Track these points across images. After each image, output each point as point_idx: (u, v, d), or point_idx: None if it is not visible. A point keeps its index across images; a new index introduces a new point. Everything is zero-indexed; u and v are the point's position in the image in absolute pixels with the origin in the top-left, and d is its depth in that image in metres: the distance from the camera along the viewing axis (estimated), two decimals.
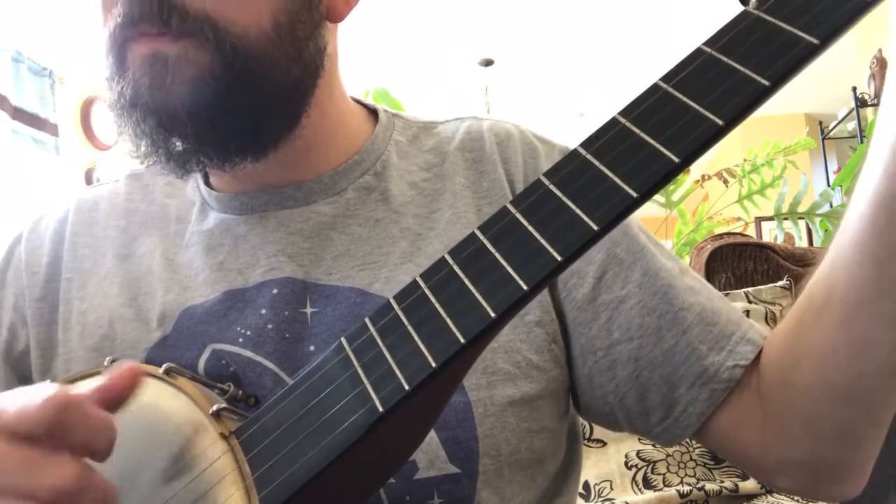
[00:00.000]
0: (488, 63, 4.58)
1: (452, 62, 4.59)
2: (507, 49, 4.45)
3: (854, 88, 4.26)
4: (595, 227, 0.32)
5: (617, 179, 0.32)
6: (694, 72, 0.32)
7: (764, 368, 0.52)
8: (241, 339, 0.53)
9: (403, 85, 4.33)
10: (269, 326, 0.53)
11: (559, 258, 0.33)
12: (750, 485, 1.17)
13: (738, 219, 2.89)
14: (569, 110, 5.05)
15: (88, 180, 4.08)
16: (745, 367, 0.52)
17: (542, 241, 0.33)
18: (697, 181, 2.67)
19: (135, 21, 0.49)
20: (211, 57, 0.49)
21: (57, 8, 3.30)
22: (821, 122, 5.06)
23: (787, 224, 2.71)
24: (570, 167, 0.34)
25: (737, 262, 1.44)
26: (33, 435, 0.33)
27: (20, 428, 0.33)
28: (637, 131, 0.33)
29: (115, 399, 0.37)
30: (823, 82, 4.89)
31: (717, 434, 0.54)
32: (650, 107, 0.33)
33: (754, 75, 0.30)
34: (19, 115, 3.57)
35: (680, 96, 0.32)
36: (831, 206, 2.68)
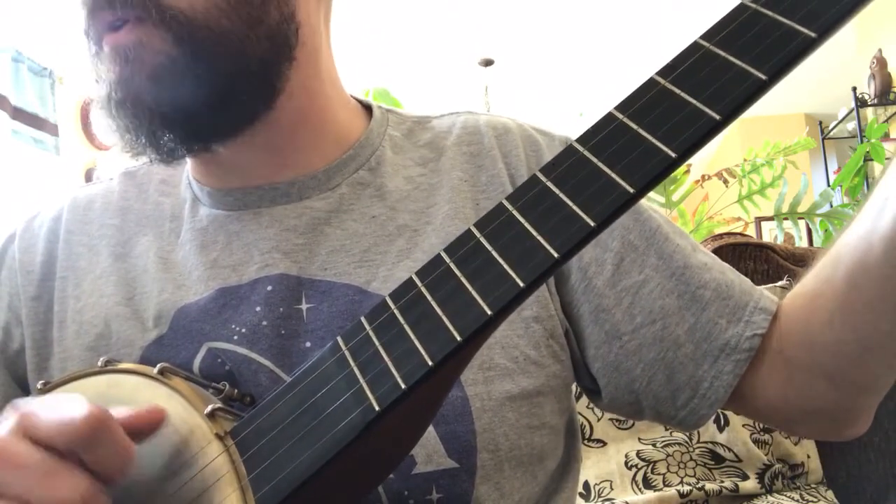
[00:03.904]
0: (488, 63, 4.58)
1: (452, 62, 4.59)
2: (507, 49, 4.45)
3: (854, 88, 4.26)
4: (592, 224, 0.32)
5: (614, 175, 0.32)
6: (691, 66, 0.32)
7: (787, 330, 0.53)
8: (235, 337, 0.53)
9: (403, 85, 4.33)
10: (264, 323, 0.53)
11: (556, 255, 0.33)
12: (750, 485, 1.16)
13: (738, 219, 2.89)
14: (569, 110, 5.05)
15: (88, 180, 4.08)
16: (762, 335, 0.54)
17: (540, 239, 0.33)
18: (697, 181, 2.67)
19: (92, 11, 0.50)
20: (162, 37, 0.49)
21: (57, 8, 3.30)
22: (821, 122, 5.06)
23: (787, 224, 2.71)
24: (567, 163, 0.34)
25: (737, 262, 1.43)
26: (60, 446, 0.34)
27: (52, 439, 0.34)
28: (634, 126, 0.32)
29: (139, 431, 0.39)
30: (823, 82, 4.88)
31: (742, 398, 0.55)
32: (648, 102, 0.33)
33: (752, 69, 0.30)
34: (19, 115, 3.56)
35: (677, 91, 0.32)
36: (831, 206, 2.67)
